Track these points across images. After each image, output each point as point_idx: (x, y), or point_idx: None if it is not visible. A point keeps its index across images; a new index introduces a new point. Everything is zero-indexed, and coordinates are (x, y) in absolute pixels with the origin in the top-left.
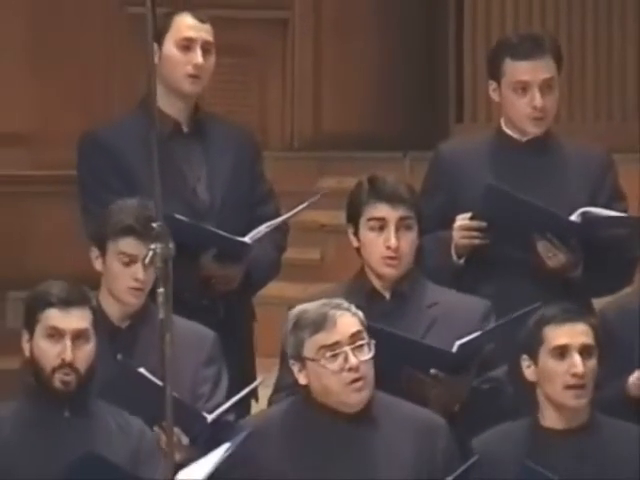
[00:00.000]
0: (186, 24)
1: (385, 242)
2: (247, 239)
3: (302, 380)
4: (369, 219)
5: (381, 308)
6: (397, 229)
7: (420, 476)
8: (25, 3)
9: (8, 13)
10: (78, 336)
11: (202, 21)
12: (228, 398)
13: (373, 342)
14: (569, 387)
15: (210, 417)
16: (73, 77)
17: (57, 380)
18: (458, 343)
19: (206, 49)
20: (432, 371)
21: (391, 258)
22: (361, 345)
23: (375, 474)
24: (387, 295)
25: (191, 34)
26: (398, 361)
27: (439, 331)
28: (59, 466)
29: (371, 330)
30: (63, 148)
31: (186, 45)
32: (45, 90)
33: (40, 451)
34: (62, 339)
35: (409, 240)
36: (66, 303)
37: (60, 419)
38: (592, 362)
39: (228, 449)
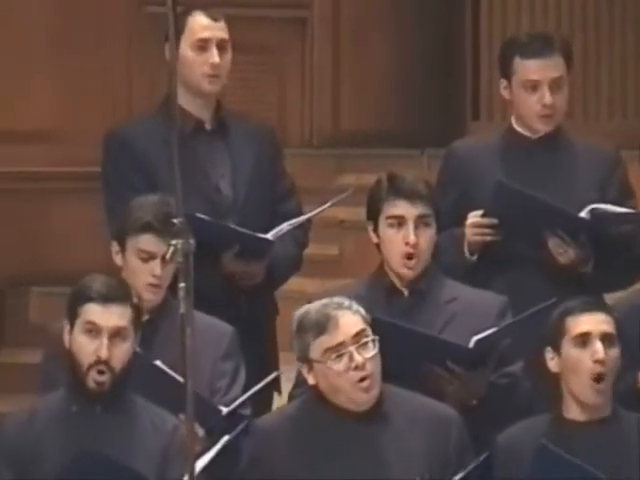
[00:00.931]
0: (200, 25)
1: (404, 239)
2: (269, 236)
3: (311, 380)
4: (388, 216)
5: (400, 304)
6: (416, 226)
7: (432, 470)
8: (46, 3)
9: (30, 13)
10: (115, 334)
11: (215, 19)
12: (246, 392)
13: (377, 338)
14: (592, 379)
15: (225, 410)
16: (94, 75)
17: (91, 380)
18: (475, 339)
19: (222, 47)
20: (449, 364)
21: (409, 256)
22: (365, 343)
23: (387, 471)
24: (405, 291)
25: (206, 34)
26: (415, 357)
27: (457, 327)
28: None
29: (388, 326)
30: (84, 145)
31: (201, 46)
32: (66, 88)
33: (71, 446)
34: (99, 336)
35: (427, 237)
36: (106, 299)
37: (93, 414)
38: (614, 351)
39: (226, 441)
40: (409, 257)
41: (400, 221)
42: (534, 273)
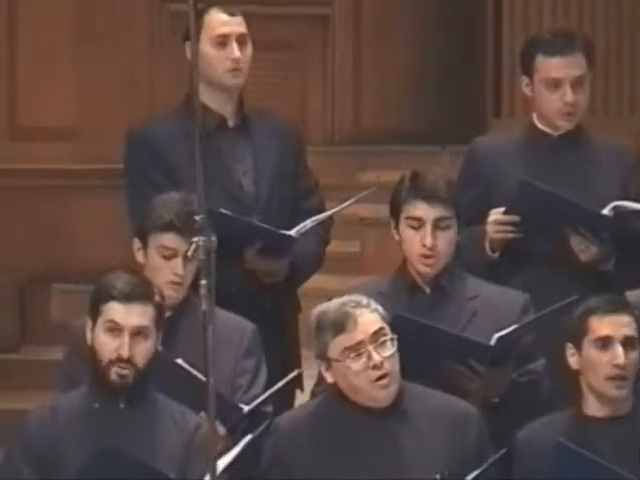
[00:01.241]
0: (218, 21)
1: (421, 241)
2: (293, 233)
3: (329, 379)
4: (407, 217)
5: (422, 301)
6: (434, 229)
7: (452, 467)
8: (69, 3)
9: (54, 11)
10: (137, 333)
11: (233, 14)
12: (267, 390)
13: (395, 337)
14: (611, 378)
15: (247, 408)
16: (117, 73)
17: (113, 373)
18: (496, 336)
19: (241, 41)
20: (470, 362)
21: (427, 257)
22: (384, 341)
23: (406, 468)
24: (427, 289)
25: (225, 30)
26: (437, 354)
27: (479, 324)
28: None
29: (410, 323)
30: (107, 142)
31: (222, 42)
32: (89, 85)
33: (93, 442)
34: (121, 334)
35: (445, 239)
36: (128, 298)
37: (115, 410)
38: (634, 354)
39: (249, 440)
40: (426, 257)
41: (419, 223)
42: (555, 271)
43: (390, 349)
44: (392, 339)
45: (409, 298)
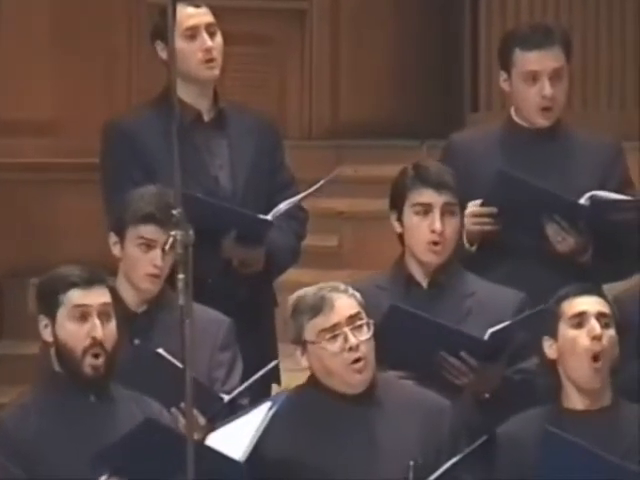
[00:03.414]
0: (185, 14)
1: (430, 226)
2: (268, 217)
3: (304, 363)
4: (414, 204)
5: (418, 296)
6: (442, 214)
7: (426, 456)
8: None
9: (33, 5)
10: (103, 312)
11: (198, 6)
12: (243, 382)
13: (372, 322)
14: (589, 353)
15: (227, 398)
16: (95, 67)
17: (87, 365)
18: (490, 331)
19: (211, 31)
20: (463, 356)
21: (435, 243)
22: (360, 325)
23: (381, 454)
24: (424, 284)
25: (193, 22)
26: (431, 347)
27: (474, 322)
28: (88, 452)
29: (405, 314)
30: (85, 136)
31: (191, 34)
32: (68, 79)
33: (68, 438)
34: (90, 317)
35: (453, 225)
36: (89, 282)
37: (86, 405)
38: (611, 331)
39: (270, 408)
40: (435, 244)
41: (426, 209)
42: (533, 263)
43: (366, 334)
44: (368, 324)
45: (406, 292)
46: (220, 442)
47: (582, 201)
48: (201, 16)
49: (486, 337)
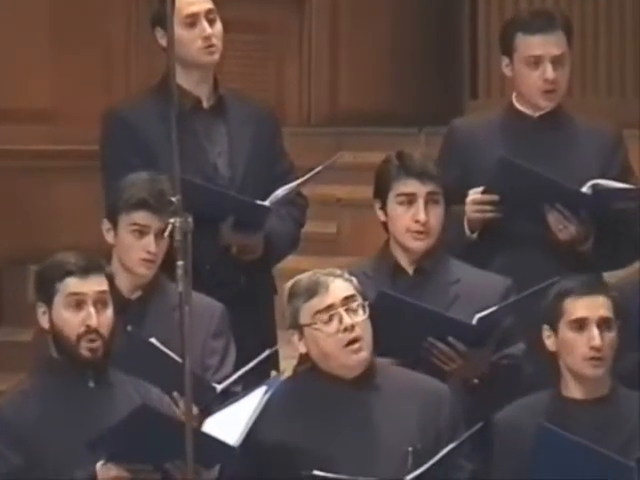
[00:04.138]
0: (184, 1)
1: (414, 217)
2: (266, 202)
3: (301, 348)
4: (398, 194)
5: (404, 283)
6: (426, 204)
7: (424, 442)
8: None
9: None
10: (99, 300)
11: None
12: (237, 370)
13: (367, 303)
14: (587, 359)
15: (220, 387)
16: (94, 54)
17: (83, 348)
18: (478, 316)
19: (210, 18)
20: (450, 339)
21: (419, 232)
22: (355, 307)
23: (379, 438)
24: (410, 271)
25: (193, 9)
26: (419, 332)
27: (460, 308)
28: (87, 437)
29: (393, 300)
30: (83, 124)
31: (191, 22)
32: (67, 67)
33: (67, 423)
34: (85, 305)
35: (437, 214)
36: (85, 270)
37: (85, 390)
38: (611, 335)
39: (265, 392)
40: (419, 233)
41: (410, 199)
42: (535, 251)
43: (361, 315)
44: (364, 306)
45: (392, 280)
46: (215, 427)
47: (584, 190)
48: (201, 3)
49: (474, 322)
